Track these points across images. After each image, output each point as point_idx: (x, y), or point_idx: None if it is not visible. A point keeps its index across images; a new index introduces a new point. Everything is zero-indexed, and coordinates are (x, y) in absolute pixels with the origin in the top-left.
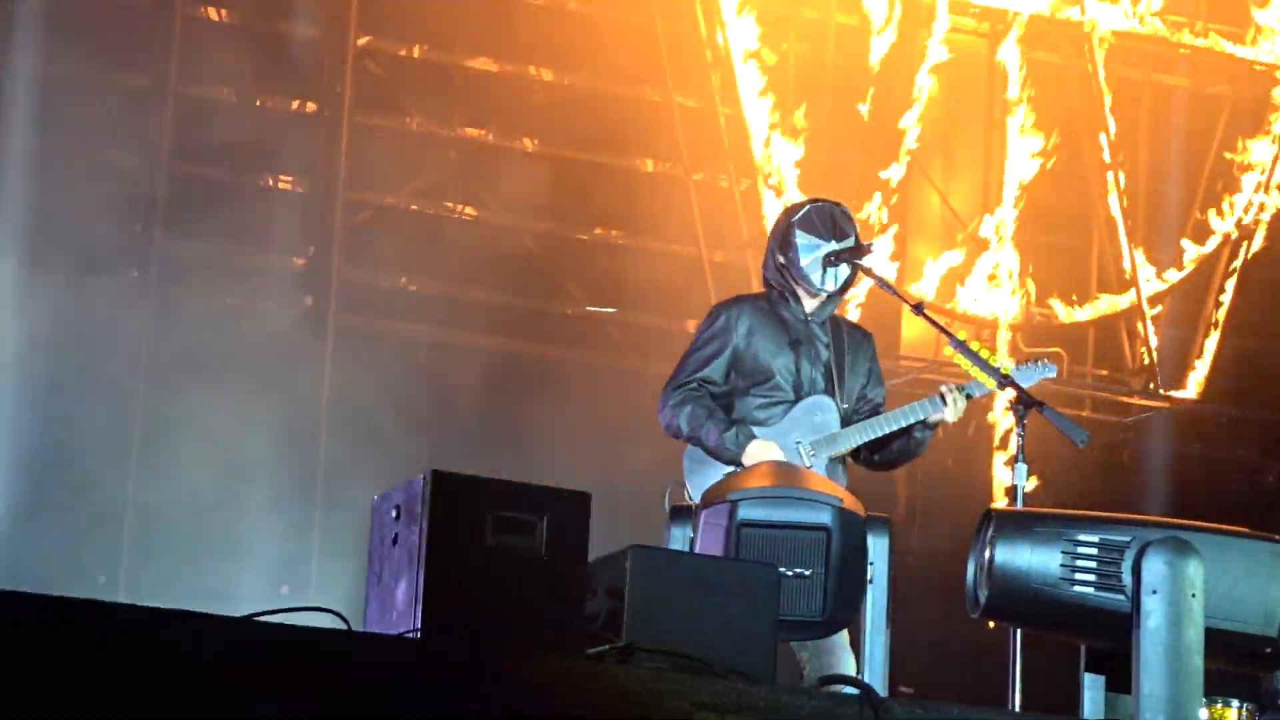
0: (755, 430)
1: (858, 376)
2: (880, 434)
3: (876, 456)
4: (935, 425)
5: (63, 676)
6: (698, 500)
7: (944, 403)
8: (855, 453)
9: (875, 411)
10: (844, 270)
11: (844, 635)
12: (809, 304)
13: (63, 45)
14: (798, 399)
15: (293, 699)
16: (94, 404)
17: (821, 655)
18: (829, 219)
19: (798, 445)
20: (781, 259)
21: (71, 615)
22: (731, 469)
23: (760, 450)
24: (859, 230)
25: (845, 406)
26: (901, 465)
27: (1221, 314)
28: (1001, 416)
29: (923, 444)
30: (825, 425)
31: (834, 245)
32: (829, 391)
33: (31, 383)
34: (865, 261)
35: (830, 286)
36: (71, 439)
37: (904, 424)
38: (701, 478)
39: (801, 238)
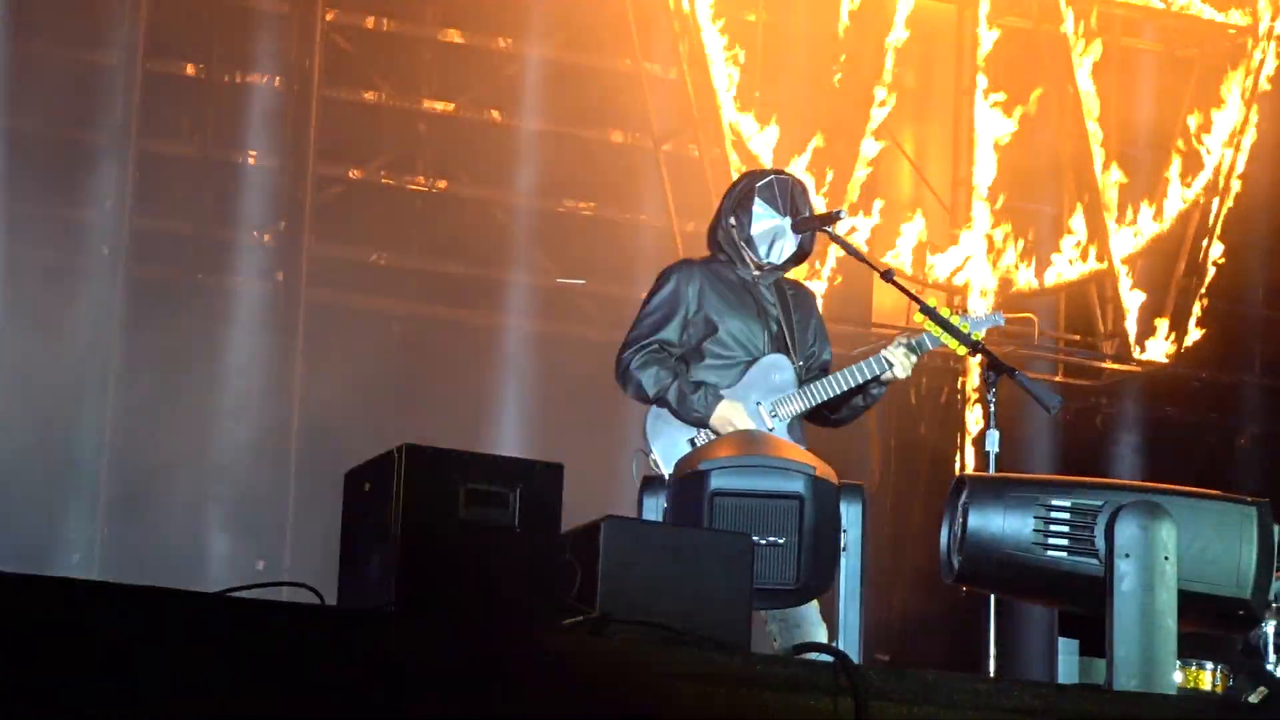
0: (721, 393)
1: (806, 334)
2: (837, 392)
3: (834, 416)
4: (888, 382)
5: (37, 655)
6: (663, 463)
7: (889, 361)
8: (811, 413)
9: (824, 369)
10: (791, 245)
11: (814, 607)
12: (754, 270)
13: (24, 21)
14: (753, 359)
15: (268, 674)
16: (67, 379)
17: (791, 627)
18: (789, 194)
19: (758, 405)
20: (733, 220)
21: (44, 593)
22: (696, 431)
23: (728, 410)
24: (818, 199)
25: (799, 364)
26: (851, 421)
27: (1193, 277)
28: (973, 383)
29: (876, 399)
30: (784, 384)
31: (787, 220)
32: (783, 350)
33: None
34: (834, 229)
35: (775, 260)
36: (48, 418)
37: (858, 381)
38: (666, 439)
39: (759, 206)
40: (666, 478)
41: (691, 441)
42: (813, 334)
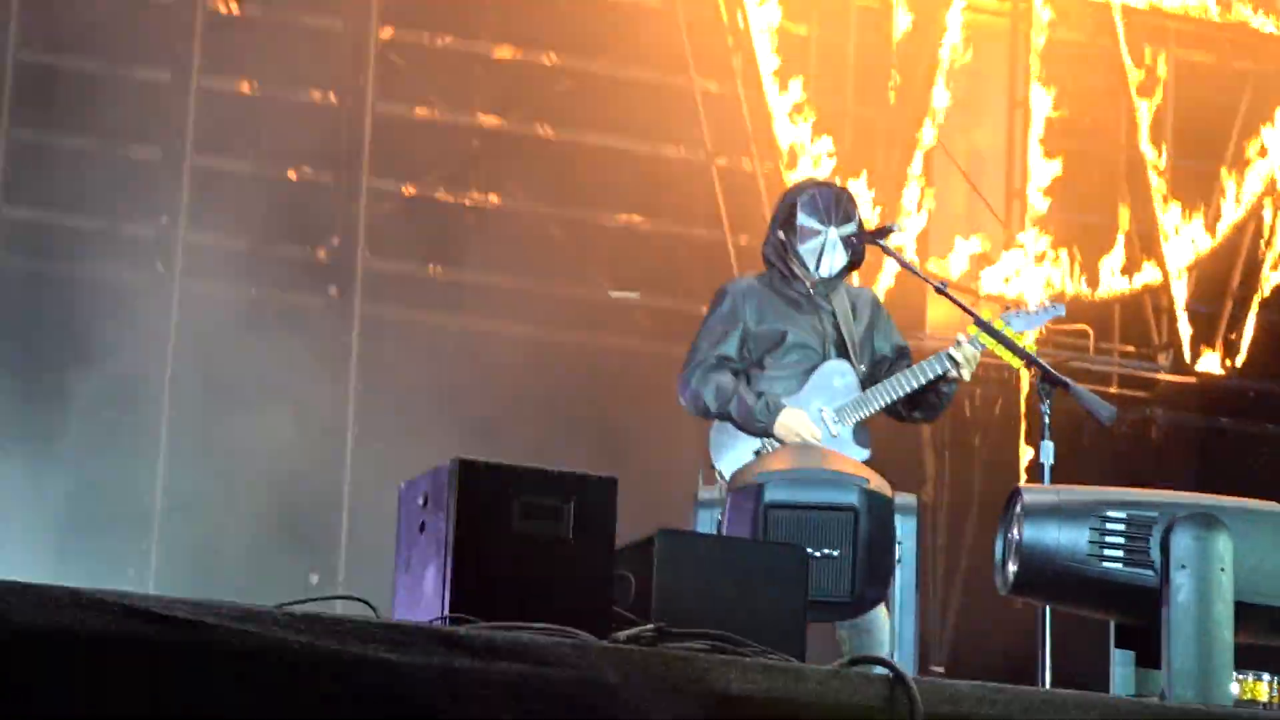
0: (783, 401)
1: (870, 335)
2: (899, 395)
3: (917, 414)
4: (955, 380)
5: (98, 669)
6: (727, 476)
7: (950, 361)
8: (897, 415)
9: (903, 356)
10: (842, 256)
11: (882, 613)
12: (808, 281)
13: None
14: (814, 366)
15: (324, 688)
16: (118, 397)
17: (860, 634)
18: (832, 202)
19: (821, 412)
20: (781, 235)
21: (102, 607)
22: (760, 443)
23: (791, 418)
24: (872, 213)
25: (863, 369)
26: (936, 417)
27: (1248, 288)
28: (1028, 394)
29: (948, 396)
30: (846, 390)
31: (833, 229)
32: (844, 356)
33: (50, 375)
34: (887, 242)
35: (825, 273)
36: (98, 435)
37: (918, 383)
38: (730, 453)
39: (803, 219)
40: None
41: (757, 453)
42: (881, 331)
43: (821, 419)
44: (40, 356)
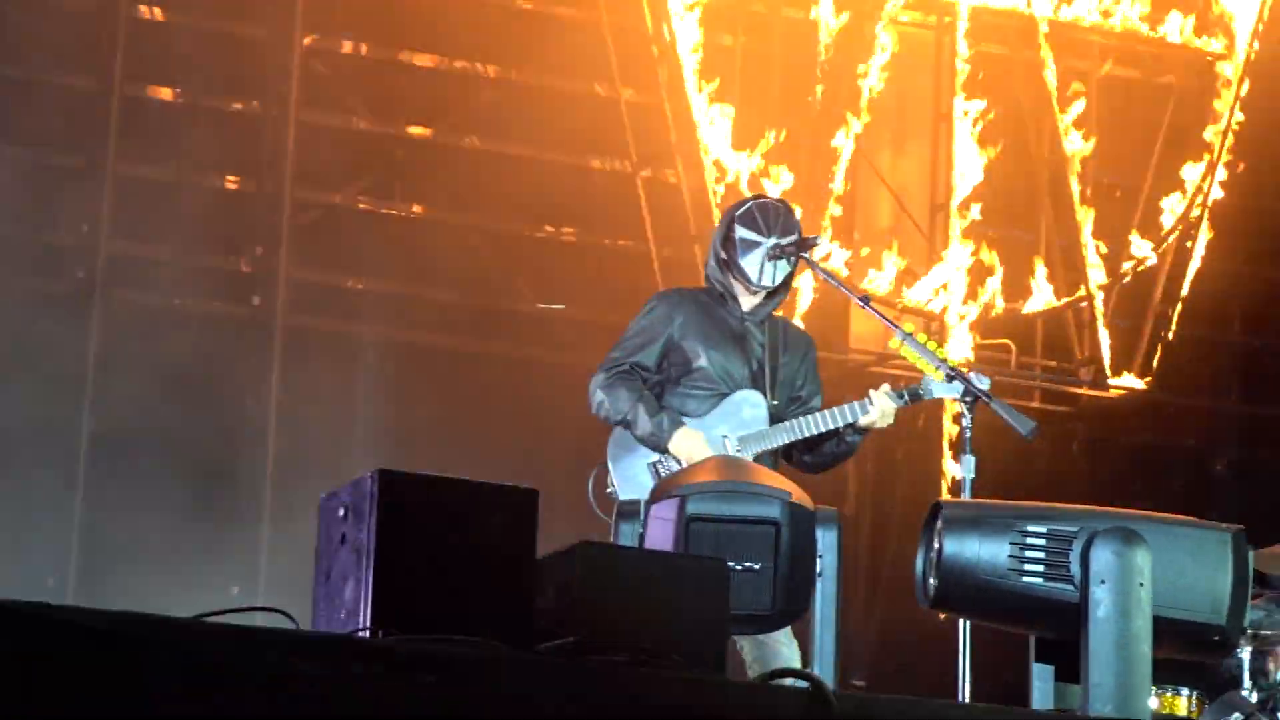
0: (682, 419)
1: (792, 378)
2: (806, 434)
3: (807, 458)
4: (865, 429)
5: (8, 682)
6: (619, 486)
7: (870, 404)
8: (788, 454)
9: (808, 413)
10: (783, 267)
11: (786, 628)
12: (747, 302)
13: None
14: (727, 393)
15: (241, 698)
16: (40, 404)
17: (763, 646)
18: (770, 215)
19: (724, 439)
20: (723, 254)
21: (18, 618)
22: (656, 457)
23: (686, 439)
24: (801, 226)
25: (775, 404)
26: (832, 467)
27: (1170, 304)
28: (950, 408)
29: (854, 447)
30: (753, 421)
31: (775, 240)
32: (759, 389)
33: None
34: (811, 255)
35: (768, 282)
36: (15, 441)
37: (831, 426)
38: (626, 464)
39: (742, 233)
40: (642, 504)
41: (652, 466)
42: (802, 376)
43: (724, 445)
44: None
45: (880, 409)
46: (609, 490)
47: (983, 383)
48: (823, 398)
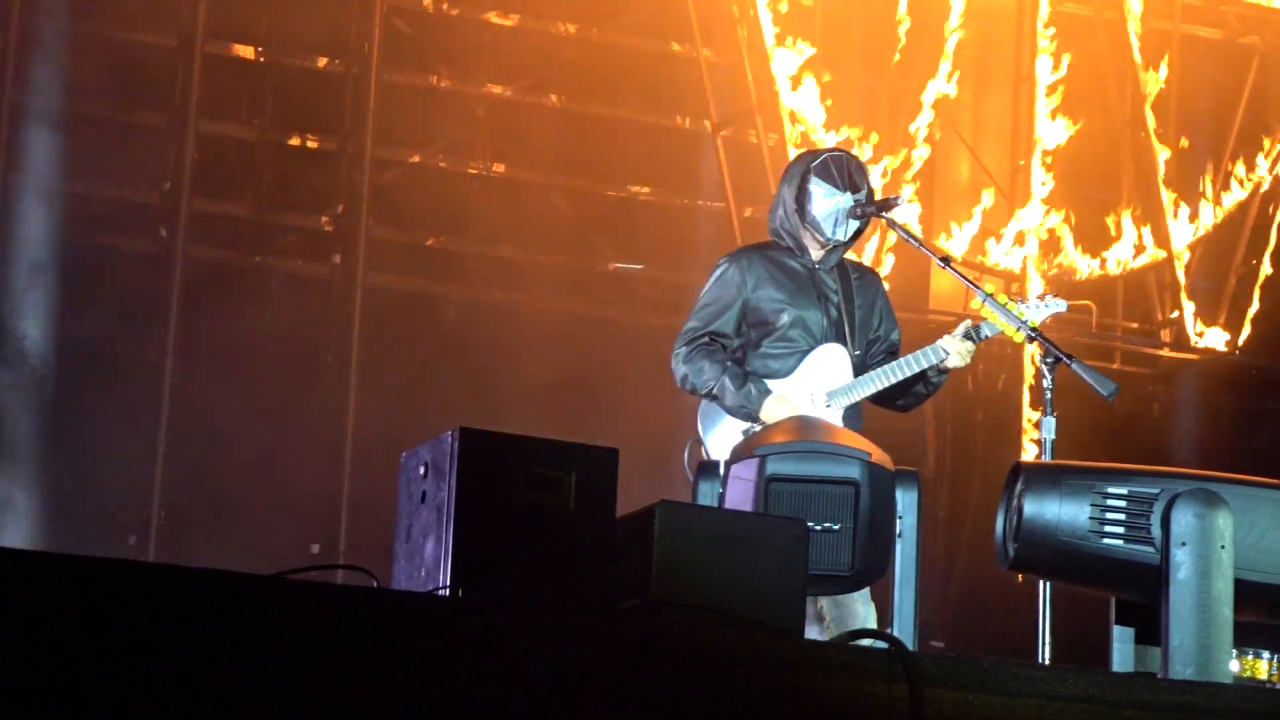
0: (768, 383)
1: (869, 320)
2: (891, 382)
3: (898, 401)
4: (947, 370)
5: (93, 637)
6: (713, 454)
7: (946, 351)
8: (876, 398)
9: (891, 350)
10: (854, 223)
11: (864, 590)
12: (816, 252)
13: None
14: (810, 349)
15: (323, 656)
16: (123, 363)
17: (841, 607)
18: (845, 170)
19: (812, 396)
20: (794, 204)
21: (101, 575)
22: (748, 425)
23: (776, 405)
24: (880, 185)
25: (857, 354)
26: (917, 406)
27: (1251, 265)
28: (1031, 369)
29: (938, 386)
30: (839, 374)
31: (848, 196)
32: (840, 339)
33: (59, 341)
34: (892, 214)
35: (841, 237)
36: (103, 400)
37: (911, 372)
38: (718, 433)
39: (817, 185)
40: (721, 464)
41: (744, 434)
42: (878, 317)
43: (811, 403)
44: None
45: (956, 350)
46: (705, 459)
47: (1055, 305)
48: (899, 330)
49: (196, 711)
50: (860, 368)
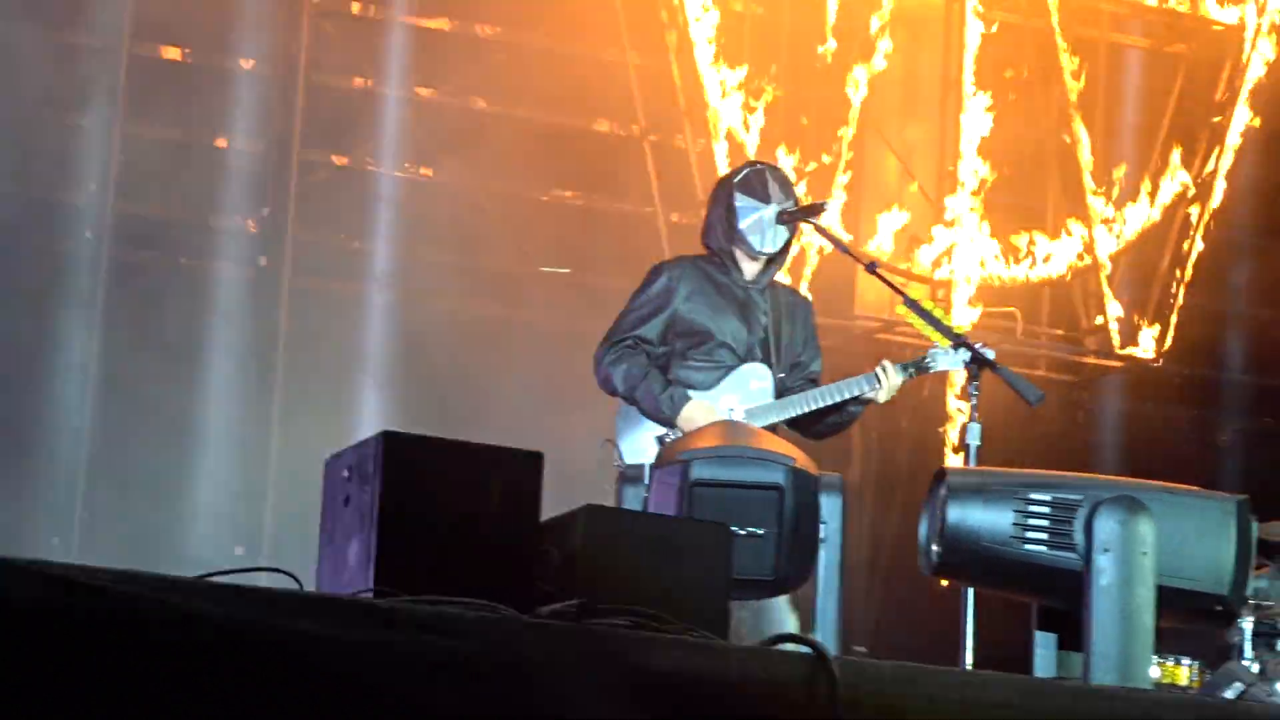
0: (690, 393)
1: (794, 345)
2: (812, 408)
3: (813, 428)
4: (867, 401)
5: (12, 640)
6: (626, 458)
7: (878, 381)
8: (792, 424)
9: (811, 380)
10: (783, 233)
11: (785, 595)
12: (749, 269)
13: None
14: (734, 366)
15: (244, 659)
16: (47, 364)
17: (761, 614)
18: (767, 182)
19: (730, 412)
20: (723, 225)
21: (22, 576)
22: (664, 432)
23: (695, 412)
24: (806, 191)
25: (780, 375)
26: (832, 436)
27: (1176, 274)
28: (955, 376)
29: (855, 416)
30: (760, 394)
31: (772, 206)
32: (765, 360)
33: None
34: (819, 220)
35: (769, 249)
36: (25, 401)
37: (836, 400)
38: (632, 437)
39: (741, 200)
40: (646, 467)
41: (659, 439)
42: (802, 344)
43: (730, 419)
44: None
45: (888, 385)
46: (616, 464)
47: (988, 353)
48: (821, 361)
49: (119, 713)
50: (781, 390)
